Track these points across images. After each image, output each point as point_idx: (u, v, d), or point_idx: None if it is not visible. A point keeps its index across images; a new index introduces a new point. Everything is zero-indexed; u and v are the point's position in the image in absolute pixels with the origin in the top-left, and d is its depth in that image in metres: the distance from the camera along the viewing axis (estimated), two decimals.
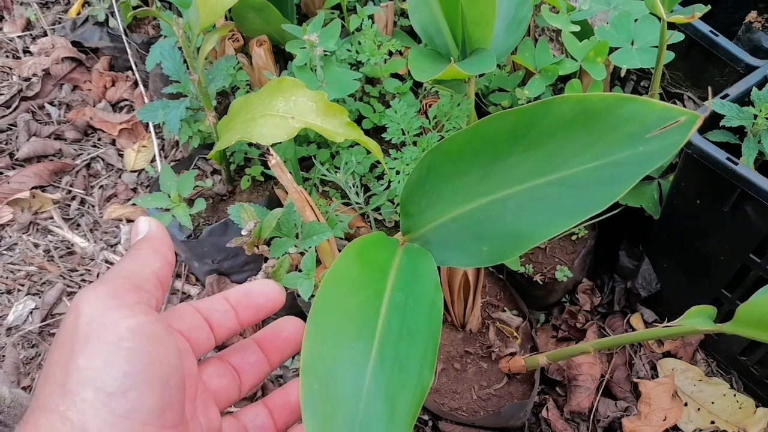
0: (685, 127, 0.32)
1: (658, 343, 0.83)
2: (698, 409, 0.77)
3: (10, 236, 0.96)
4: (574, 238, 0.80)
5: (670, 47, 0.69)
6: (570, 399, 0.78)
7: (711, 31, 0.70)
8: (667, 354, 0.82)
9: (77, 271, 0.92)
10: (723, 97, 0.63)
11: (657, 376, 0.80)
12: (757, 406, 0.77)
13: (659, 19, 0.54)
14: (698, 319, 0.41)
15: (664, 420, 0.75)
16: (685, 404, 0.78)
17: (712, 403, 0.77)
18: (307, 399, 0.32)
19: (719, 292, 0.72)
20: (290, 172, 0.61)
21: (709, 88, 0.39)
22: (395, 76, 0.86)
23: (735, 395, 0.78)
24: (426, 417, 0.75)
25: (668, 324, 0.45)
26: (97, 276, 0.92)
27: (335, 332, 0.36)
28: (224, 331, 0.34)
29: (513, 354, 0.69)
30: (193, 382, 0.31)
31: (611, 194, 0.34)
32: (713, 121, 0.64)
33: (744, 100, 0.64)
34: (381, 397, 0.34)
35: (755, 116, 0.60)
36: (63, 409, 0.24)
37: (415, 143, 0.75)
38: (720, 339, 0.79)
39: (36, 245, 0.95)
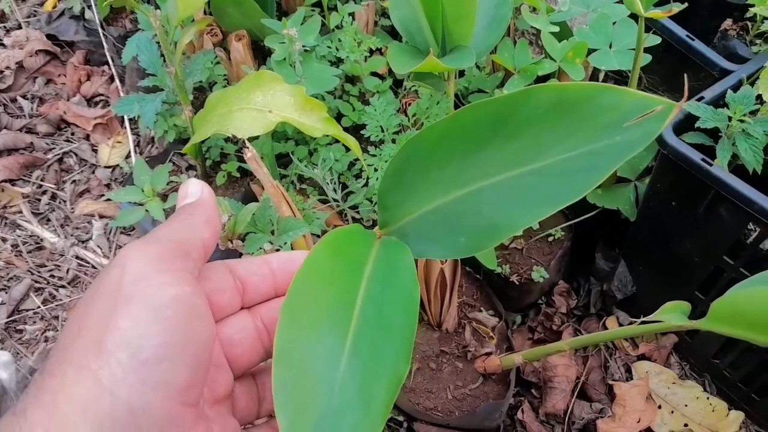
0: (662, 115, 0.32)
1: (632, 345, 0.83)
2: (672, 412, 0.77)
3: None
4: (550, 239, 0.81)
5: (647, 50, 0.69)
6: (545, 401, 0.77)
7: (687, 35, 0.71)
8: (642, 357, 0.83)
9: (46, 266, 0.90)
10: (698, 100, 0.64)
11: (632, 379, 0.80)
12: (729, 409, 0.77)
13: (637, 18, 0.55)
14: (673, 315, 0.41)
15: (638, 422, 0.75)
16: (659, 407, 0.78)
17: (686, 405, 0.78)
18: (279, 389, 0.31)
19: (693, 294, 0.72)
20: (267, 167, 0.60)
21: (686, 88, 0.39)
22: (375, 75, 0.85)
23: (708, 398, 0.78)
24: (401, 418, 0.74)
25: (644, 320, 0.45)
26: (67, 272, 0.90)
27: (309, 322, 0.35)
28: (258, 295, 0.33)
29: (489, 354, 0.69)
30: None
31: (588, 183, 0.34)
32: (689, 124, 0.64)
33: (719, 103, 0.65)
34: (355, 385, 0.33)
35: (729, 118, 0.61)
36: (95, 368, 0.23)
37: (394, 141, 0.75)
38: (694, 342, 0.80)
39: (3, 239, 0.92)
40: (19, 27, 1.25)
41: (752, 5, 0.73)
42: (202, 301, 0.28)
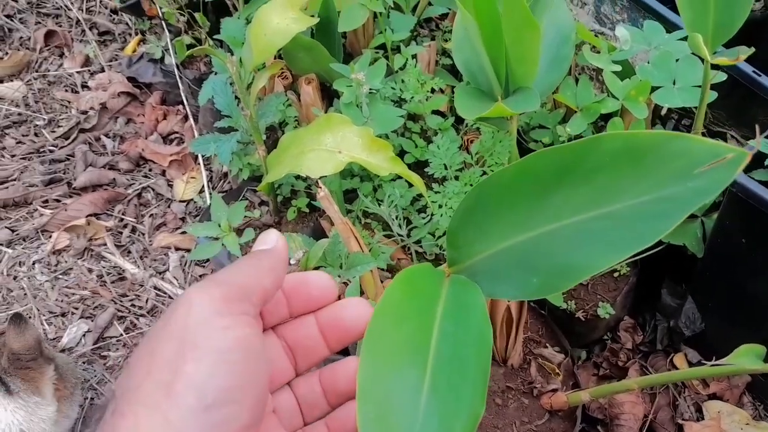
0: (733, 163, 0.33)
1: (703, 384, 0.81)
2: None
3: (66, 261, 1.00)
4: (616, 275, 0.80)
5: (713, 87, 0.69)
6: None
7: (754, 71, 0.71)
8: (713, 396, 0.81)
9: (127, 296, 0.96)
10: (767, 137, 0.64)
11: (702, 419, 0.78)
12: None
13: (702, 60, 0.55)
14: (747, 358, 0.41)
15: None
16: None
17: None
18: (364, 424, 0.33)
19: (767, 332, 0.71)
20: (336, 205, 0.63)
21: (757, 127, 0.40)
22: (436, 112, 0.88)
23: None
24: None
25: (716, 363, 0.44)
26: (146, 301, 0.95)
27: (388, 360, 0.37)
28: (274, 317, 0.34)
29: (555, 390, 0.69)
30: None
31: (660, 228, 0.35)
32: (758, 161, 0.64)
33: None
34: (436, 423, 0.34)
35: None
36: (165, 408, 0.25)
37: (456, 177, 0.77)
38: None
39: (90, 270, 0.99)
40: (102, 70, 1.34)
41: None
42: (260, 341, 0.29)
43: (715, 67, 0.62)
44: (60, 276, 0.98)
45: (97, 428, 0.26)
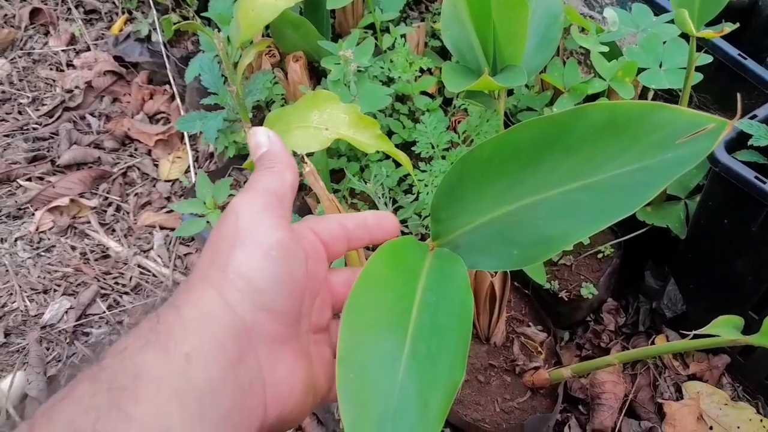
0: (714, 133, 0.33)
1: (683, 365, 0.82)
2: None
3: (49, 239, 0.99)
4: (599, 256, 0.81)
5: (698, 69, 0.70)
6: (593, 417, 0.77)
7: (739, 54, 0.71)
8: (693, 377, 0.82)
9: (111, 274, 0.95)
10: (751, 118, 0.64)
11: (682, 398, 0.79)
12: None
13: (687, 37, 0.56)
14: (725, 329, 0.42)
15: None
16: (710, 428, 0.77)
17: (738, 427, 0.76)
18: (343, 388, 0.33)
19: (747, 314, 0.71)
20: (322, 182, 0.63)
21: (738, 106, 0.40)
22: (425, 93, 0.88)
23: (761, 420, 0.76)
24: (448, 430, 0.76)
25: (696, 333, 0.45)
26: (130, 279, 0.95)
27: (369, 326, 0.37)
28: (334, 252, 0.39)
29: (537, 368, 0.70)
30: (317, 284, 0.37)
31: (640, 198, 0.35)
32: (741, 142, 0.64)
33: None
34: (414, 389, 0.35)
35: None
36: (220, 289, 0.30)
37: (443, 157, 0.77)
38: (747, 363, 0.79)
39: (73, 248, 0.98)
40: (88, 49, 1.33)
41: None
42: (297, 243, 0.34)
43: (699, 49, 0.63)
44: (42, 253, 0.98)
45: (170, 297, 0.31)
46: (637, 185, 0.36)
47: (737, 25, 0.54)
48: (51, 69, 1.30)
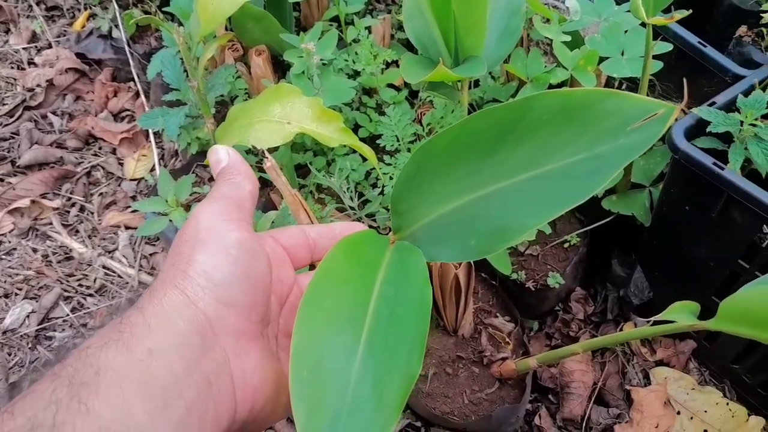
0: (664, 118, 0.34)
1: (650, 351, 0.83)
2: (691, 418, 0.77)
3: (9, 241, 0.97)
4: (566, 245, 0.81)
5: (659, 57, 0.70)
6: (562, 406, 0.78)
7: (699, 42, 0.72)
8: (660, 363, 0.83)
9: (74, 275, 0.93)
10: (710, 105, 0.65)
11: (650, 384, 0.80)
12: (749, 415, 0.77)
13: (644, 24, 0.56)
14: (681, 314, 0.42)
15: (656, 427, 0.75)
16: (678, 413, 0.78)
17: (705, 411, 0.77)
18: (297, 383, 0.32)
19: (710, 299, 0.72)
20: (286, 177, 0.62)
21: (685, 91, 0.40)
22: (392, 86, 0.87)
23: (728, 404, 0.78)
24: (418, 423, 0.75)
25: (655, 319, 0.45)
26: (94, 281, 0.93)
27: (325, 321, 0.36)
28: (296, 258, 0.41)
29: (504, 359, 0.70)
30: (285, 288, 0.39)
31: (592, 185, 0.35)
32: (700, 129, 0.65)
33: (731, 107, 0.65)
34: (369, 383, 0.34)
35: (741, 123, 0.61)
36: (182, 287, 0.32)
37: (409, 150, 0.77)
38: (712, 347, 0.80)
39: (34, 250, 0.96)
40: (50, 46, 1.29)
41: (767, 12, 0.74)
42: (257, 243, 0.35)
43: (656, 37, 0.63)
44: (2, 256, 0.95)
45: (138, 299, 0.32)
46: (590, 172, 0.36)
47: (689, 11, 0.54)
48: (11, 67, 1.26)
